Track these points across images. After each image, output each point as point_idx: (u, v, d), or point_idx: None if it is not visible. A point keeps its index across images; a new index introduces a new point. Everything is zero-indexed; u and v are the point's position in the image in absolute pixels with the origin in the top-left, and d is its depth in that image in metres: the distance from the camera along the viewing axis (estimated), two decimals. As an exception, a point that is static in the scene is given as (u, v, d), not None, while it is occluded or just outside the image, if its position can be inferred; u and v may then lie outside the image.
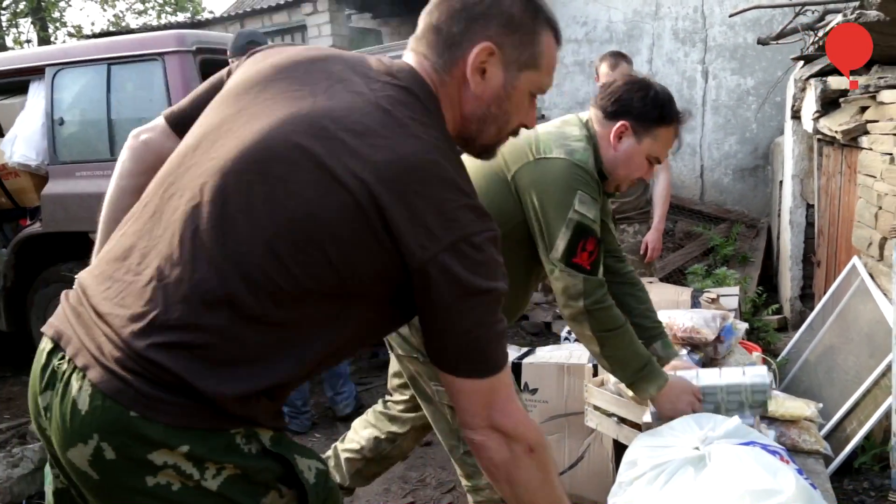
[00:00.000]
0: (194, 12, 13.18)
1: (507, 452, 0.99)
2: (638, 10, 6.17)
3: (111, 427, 0.88)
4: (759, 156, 5.88)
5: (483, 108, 1.05)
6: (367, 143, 0.92)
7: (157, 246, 0.95)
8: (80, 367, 0.91)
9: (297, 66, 1.03)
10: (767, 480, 1.30)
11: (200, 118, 1.07)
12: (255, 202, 0.92)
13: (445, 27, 1.02)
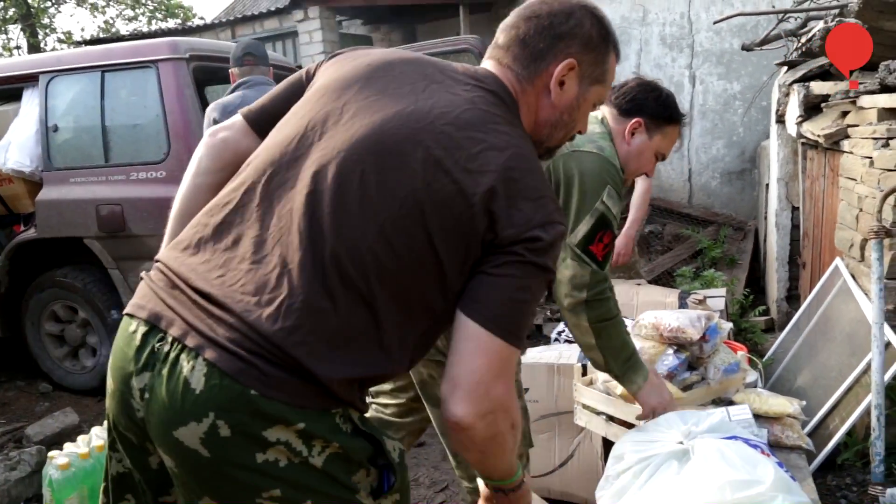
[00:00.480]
0: (185, 18, 13.17)
1: (492, 430, 1.00)
2: (626, 17, 6.25)
3: (230, 405, 0.92)
4: (746, 159, 5.96)
5: (557, 115, 1.17)
6: (468, 137, 1.02)
7: (273, 235, 1.00)
8: (192, 348, 0.94)
9: (394, 66, 1.13)
10: (747, 472, 1.35)
11: (294, 112, 1.13)
12: (369, 190, 0.99)
13: (532, 41, 1.13)
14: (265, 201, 1.04)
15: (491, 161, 1.00)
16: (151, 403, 0.97)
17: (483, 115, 1.06)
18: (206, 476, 0.96)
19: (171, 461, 0.98)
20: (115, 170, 3.49)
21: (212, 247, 1.03)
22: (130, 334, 1.01)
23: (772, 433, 2.09)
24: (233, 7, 11.17)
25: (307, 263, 0.97)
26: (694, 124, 6.05)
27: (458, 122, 1.03)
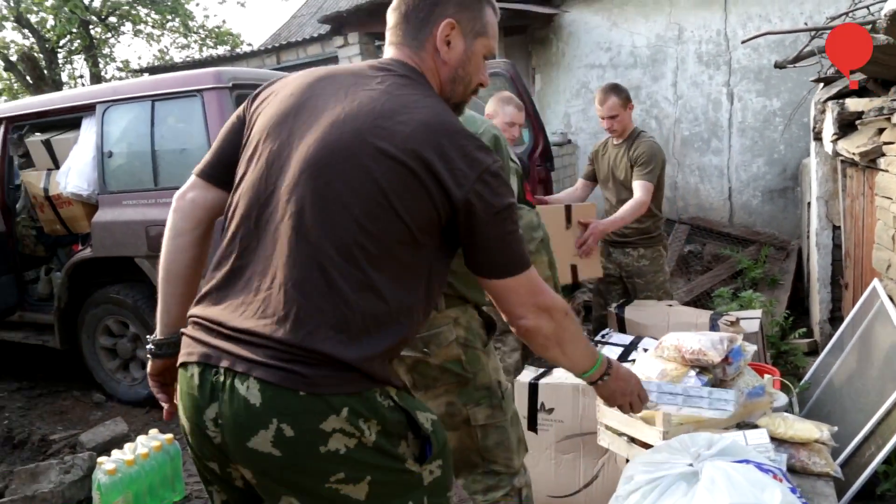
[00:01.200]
0: (233, 45, 13.68)
1: (553, 322, 1.28)
2: (661, 35, 6.25)
3: (286, 409, 1.08)
4: (788, 177, 5.86)
5: (452, 72, 1.32)
6: (397, 121, 1.17)
7: (274, 263, 1.16)
8: (243, 372, 1.10)
9: (313, 87, 1.27)
10: (753, 495, 1.37)
11: (250, 157, 1.26)
12: (338, 195, 1.15)
13: (413, 14, 1.30)
14: (258, 240, 1.19)
15: (420, 137, 1.15)
16: (224, 427, 1.13)
17: (400, 99, 1.21)
18: (283, 474, 1.11)
19: (251, 471, 1.14)
20: (164, 193, 3.66)
21: (231, 292, 1.19)
22: (189, 378, 1.17)
23: (798, 459, 2.07)
24: (279, 34, 11.56)
25: (308, 274, 1.12)
26: (733, 142, 5.99)
27: (385, 111, 1.18)
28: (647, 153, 3.36)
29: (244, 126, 1.32)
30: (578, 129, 6.96)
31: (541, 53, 7.07)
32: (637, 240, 3.51)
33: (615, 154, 3.50)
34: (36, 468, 2.84)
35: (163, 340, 1.38)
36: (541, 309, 1.26)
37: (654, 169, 3.37)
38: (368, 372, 1.12)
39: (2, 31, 12.38)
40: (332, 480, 1.10)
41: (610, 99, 3.36)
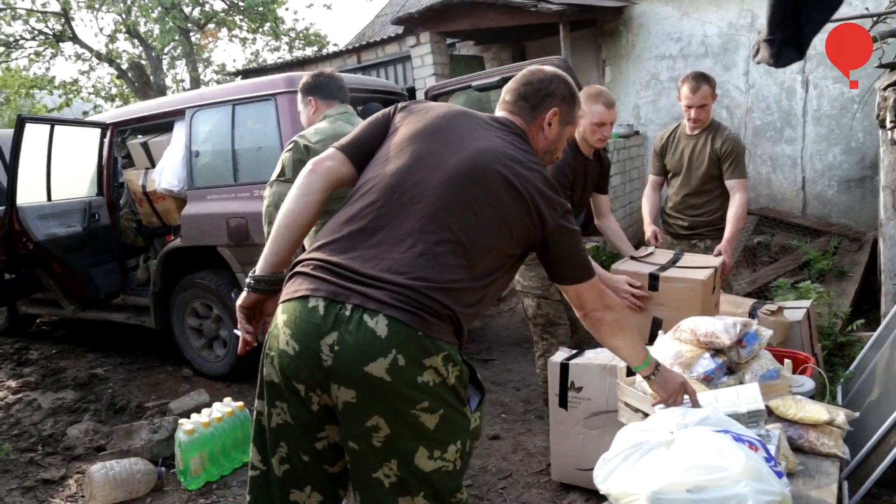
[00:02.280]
0: (321, 46, 14.34)
1: (615, 315, 1.73)
2: (733, 23, 6.12)
3: (406, 343, 1.38)
4: (867, 166, 5.62)
5: (547, 145, 1.78)
6: (522, 166, 1.59)
7: (411, 233, 1.47)
8: (373, 309, 1.38)
9: (453, 118, 1.66)
10: (717, 459, 1.50)
11: (399, 150, 1.59)
12: (474, 202, 1.53)
13: (531, 98, 1.74)
14: (396, 212, 1.50)
15: (533, 180, 1.58)
16: (341, 352, 1.38)
17: (520, 150, 1.64)
18: (384, 396, 1.38)
19: (352, 394, 1.39)
20: (242, 188, 4.06)
21: (360, 247, 1.48)
22: (311, 309, 1.42)
23: (806, 439, 2.13)
24: (363, 33, 12.04)
25: (441, 250, 1.46)
26: (807, 131, 5.80)
27: (510, 155, 1.60)
28: (737, 148, 3.35)
29: (389, 125, 1.68)
30: (648, 120, 6.93)
31: (611, 46, 7.08)
32: (705, 231, 3.50)
33: (693, 144, 3.45)
34: (130, 427, 3.29)
35: (264, 277, 1.60)
36: (605, 306, 1.70)
37: (744, 162, 3.39)
38: (462, 330, 1.47)
39: (115, 42, 13.59)
40: (417, 408, 1.39)
41: (703, 87, 3.30)
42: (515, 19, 6.42)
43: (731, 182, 3.36)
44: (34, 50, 13.41)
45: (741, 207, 3.34)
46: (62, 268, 4.27)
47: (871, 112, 5.32)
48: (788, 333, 3.13)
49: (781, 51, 1.96)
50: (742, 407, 1.93)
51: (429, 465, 1.43)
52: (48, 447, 3.45)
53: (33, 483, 3.09)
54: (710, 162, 3.39)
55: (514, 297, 5.45)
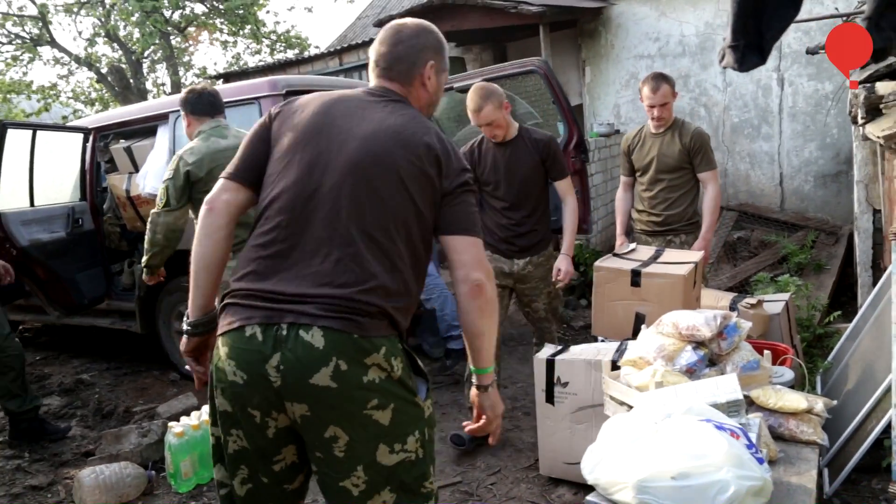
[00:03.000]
0: (302, 49, 14.30)
1: (493, 289, 1.57)
2: (710, 23, 6.23)
3: (343, 348, 1.41)
4: (842, 161, 5.74)
5: (429, 98, 1.73)
6: (409, 132, 1.57)
7: (325, 241, 1.48)
8: (307, 324, 1.41)
9: (335, 105, 1.62)
10: (698, 447, 1.55)
11: (289, 160, 1.56)
12: (378, 189, 1.52)
13: (406, 58, 1.67)
14: (304, 226, 1.50)
15: (426, 142, 1.56)
16: (287, 370, 1.41)
17: (403, 117, 1.60)
18: (334, 403, 1.42)
19: (305, 407, 1.42)
20: (227, 192, 4.07)
21: (281, 268, 1.49)
22: (249, 337, 1.44)
23: (787, 427, 2.20)
24: (344, 35, 12.04)
25: (359, 249, 1.47)
26: (784, 128, 5.92)
27: (395, 129, 1.57)
28: (704, 141, 3.48)
29: (269, 135, 1.63)
30: (628, 119, 7.01)
31: (590, 46, 7.16)
32: (679, 226, 3.58)
33: (660, 142, 3.54)
34: (119, 432, 3.28)
35: (199, 320, 1.63)
36: (485, 272, 1.55)
37: (712, 154, 3.51)
38: (397, 320, 1.49)
39: (95, 46, 13.46)
40: (368, 407, 1.43)
41: (662, 86, 3.42)
42: (496, 21, 6.48)
43: (703, 174, 3.49)
44: (11, 54, 13.24)
45: (715, 199, 3.48)
46: (46, 273, 4.25)
47: (845, 108, 5.45)
48: (768, 326, 3.20)
49: (745, 56, 2.05)
50: (721, 397, 1.98)
51: (392, 459, 1.48)
52: (35, 454, 3.44)
53: (21, 490, 3.08)
54: (680, 157, 3.49)
55: (499, 296, 5.49)
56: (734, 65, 2.07)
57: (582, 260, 5.70)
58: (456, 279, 1.56)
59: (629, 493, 1.58)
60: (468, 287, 1.53)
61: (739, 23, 1.97)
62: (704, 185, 3.50)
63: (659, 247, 3.38)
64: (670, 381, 2.13)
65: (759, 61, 2.09)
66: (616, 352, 2.69)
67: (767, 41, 2.03)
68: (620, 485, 1.63)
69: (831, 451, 2.68)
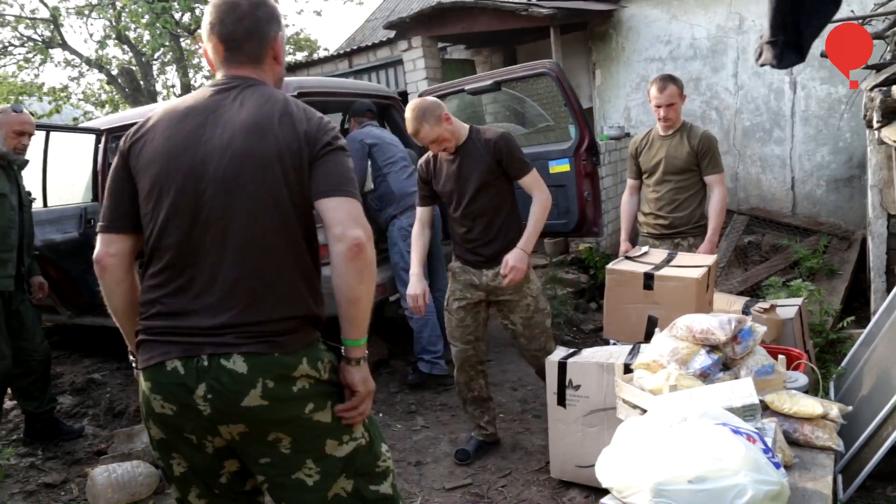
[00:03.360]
0: (311, 51, 14.35)
1: (373, 251, 1.47)
2: (721, 26, 6.20)
3: (267, 368, 1.43)
4: (855, 165, 5.71)
5: (280, 72, 1.67)
6: (264, 121, 1.49)
7: (220, 268, 1.45)
8: (224, 354, 1.42)
9: (184, 124, 1.51)
10: (716, 450, 1.54)
11: (157, 196, 1.48)
12: (244, 199, 1.46)
13: (255, 35, 1.57)
14: (195, 257, 1.47)
15: (283, 121, 1.48)
16: (215, 399, 1.42)
17: (255, 105, 1.51)
18: (271, 418, 1.45)
19: (242, 427, 1.45)
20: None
21: (185, 302, 1.46)
22: (171, 371, 1.44)
23: (801, 433, 2.18)
24: (353, 37, 12.07)
25: (255, 267, 1.46)
26: (796, 131, 5.89)
27: (251, 121, 1.49)
28: (712, 144, 3.49)
29: (130, 174, 1.53)
30: (638, 122, 6.99)
31: (601, 49, 7.15)
32: (686, 229, 3.58)
33: (668, 144, 3.55)
34: (131, 431, 3.30)
35: None
36: (363, 230, 1.45)
37: (719, 157, 3.52)
38: (313, 326, 1.51)
39: (105, 48, 13.55)
40: (306, 412, 1.47)
41: (669, 87, 3.45)
42: (507, 23, 6.48)
43: (709, 177, 3.50)
44: (23, 56, 13.34)
45: (720, 201, 3.49)
46: (59, 273, 4.27)
47: (859, 112, 5.42)
48: (781, 331, 3.19)
49: (784, 53, 2.01)
50: (737, 401, 1.97)
51: (343, 450, 1.52)
52: (48, 452, 3.46)
53: (35, 487, 3.09)
54: (688, 159, 3.50)
55: (509, 299, 5.49)
56: (772, 61, 2.04)
57: (592, 263, 5.69)
58: (332, 238, 1.44)
59: (645, 497, 1.57)
60: (346, 246, 1.42)
61: (778, 18, 1.94)
62: (711, 188, 3.51)
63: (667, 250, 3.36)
64: (684, 385, 2.12)
65: (798, 59, 2.05)
66: (629, 355, 2.68)
67: (806, 38, 1.99)
68: (636, 488, 1.62)
69: (845, 457, 2.66)
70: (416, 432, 3.52)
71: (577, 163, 4.23)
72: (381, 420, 3.71)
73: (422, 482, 3.00)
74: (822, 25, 1.96)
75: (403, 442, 3.41)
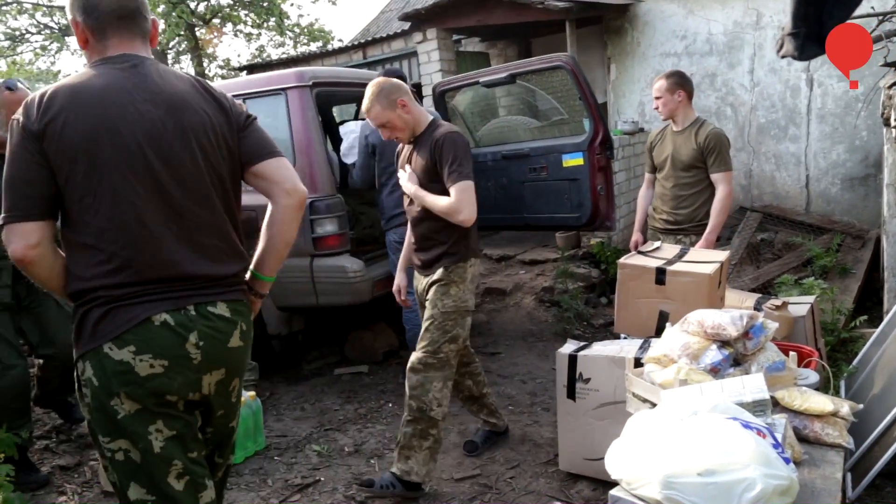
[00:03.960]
0: (325, 42, 14.36)
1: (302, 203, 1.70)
2: (738, 21, 6.15)
3: (243, 313, 1.68)
4: (871, 164, 5.66)
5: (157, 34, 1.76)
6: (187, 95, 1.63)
7: (184, 233, 1.57)
8: (209, 301, 1.60)
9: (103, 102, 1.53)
10: (726, 444, 1.55)
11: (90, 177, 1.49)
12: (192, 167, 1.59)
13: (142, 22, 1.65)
14: (148, 227, 1.54)
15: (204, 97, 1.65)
16: (206, 344, 1.57)
17: (173, 77, 1.65)
18: (240, 358, 1.68)
19: (222, 372, 1.62)
20: (252, 181, 4.10)
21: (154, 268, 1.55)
22: (161, 325, 1.53)
23: (811, 430, 2.18)
24: (367, 29, 12.07)
25: (217, 231, 1.63)
26: (812, 129, 5.84)
27: (179, 91, 1.62)
28: (719, 141, 3.48)
29: (45, 159, 1.49)
30: (653, 117, 6.95)
31: (616, 43, 7.11)
32: (689, 227, 3.59)
33: (677, 140, 3.61)
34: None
35: None
36: (301, 184, 1.70)
37: (727, 155, 3.50)
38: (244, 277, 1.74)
39: (120, 35, 13.59)
40: (248, 354, 1.72)
41: (660, 81, 3.60)
42: (523, 16, 6.46)
43: (715, 175, 3.50)
44: (40, 44, 13.45)
45: (723, 200, 3.49)
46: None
47: (876, 110, 5.37)
48: (793, 328, 3.17)
49: (805, 45, 2.00)
50: (747, 396, 1.97)
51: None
52: (62, 435, 3.50)
53: (49, 469, 3.14)
54: (694, 155, 3.52)
55: (518, 292, 5.50)
56: (794, 53, 2.03)
57: (604, 258, 5.68)
58: (282, 192, 1.67)
59: (654, 489, 1.58)
60: (297, 199, 1.68)
61: (800, 10, 1.92)
62: (716, 185, 3.51)
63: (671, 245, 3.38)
64: (695, 380, 2.13)
65: (819, 51, 2.03)
66: (639, 349, 2.68)
67: (828, 30, 1.98)
68: (645, 480, 1.63)
69: (855, 455, 2.66)
70: (425, 422, 3.54)
71: (591, 156, 4.23)
72: (391, 410, 3.73)
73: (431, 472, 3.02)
74: (844, 18, 1.95)
75: (412, 432, 3.43)
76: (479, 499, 2.79)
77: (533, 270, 5.73)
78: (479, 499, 2.79)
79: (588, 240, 6.04)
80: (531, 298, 5.36)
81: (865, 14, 3.97)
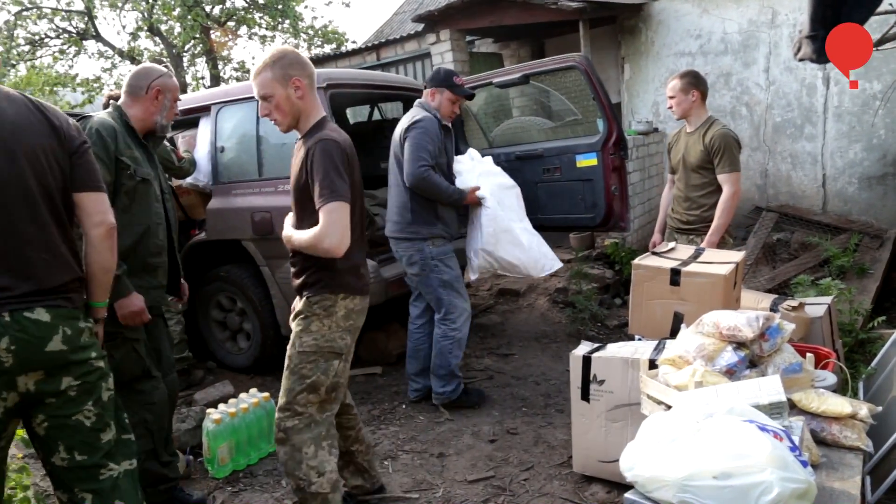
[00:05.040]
0: (339, 43, 14.41)
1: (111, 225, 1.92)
2: (753, 20, 6.10)
3: (65, 319, 1.80)
4: (889, 163, 5.58)
5: None
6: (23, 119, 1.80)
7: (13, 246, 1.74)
8: (28, 307, 1.74)
9: None
10: (742, 447, 1.53)
11: None
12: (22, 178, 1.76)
13: None
14: None
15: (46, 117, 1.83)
16: (18, 348, 1.69)
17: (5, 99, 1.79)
18: (67, 362, 1.77)
19: (40, 373, 1.74)
20: (267, 183, 4.13)
21: None
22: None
23: (829, 432, 2.16)
24: (381, 30, 12.10)
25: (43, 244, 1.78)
26: (828, 128, 5.77)
27: (11, 114, 1.76)
28: (725, 142, 3.45)
29: None
30: (667, 117, 6.91)
31: (630, 43, 7.07)
32: (701, 227, 3.57)
33: (688, 141, 3.63)
34: (159, 415, 3.35)
35: None
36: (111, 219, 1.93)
37: (734, 156, 3.46)
38: (82, 287, 1.90)
39: (137, 39, 13.75)
40: (91, 358, 1.83)
41: (672, 81, 3.62)
42: (536, 16, 6.45)
43: (721, 176, 3.49)
44: (59, 48, 13.61)
45: (727, 201, 3.46)
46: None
47: (894, 108, 5.30)
48: (809, 329, 3.14)
49: (823, 48, 1.97)
50: (764, 398, 1.95)
51: (109, 395, 1.88)
52: None
53: None
54: (701, 156, 3.52)
55: (532, 293, 5.49)
56: (812, 55, 2.00)
57: (618, 258, 5.65)
58: (92, 224, 1.88)
59: (670, 492, 1.58)
60: (105, 229, 1.90)
61: (818, 12, 1.90)
62: (722, 186, 3.49)
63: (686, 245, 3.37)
64: (710, 381, 2.11)
65: None
66: (654, 350, 2.66)
67: None
68: (661, 483, 1.62)
69: (874, 458, 2.62)
70: (439, 424, 3.54)
71: (605, 157, 4.20)
72: (404, 411, 3.74)
73: (444, 474, 3.02)
74: (864, 19, 1.91)
75: (426, 433, 3.44)
76: (492, 501, 2.79)
77: (546, 271, 5.70)
78: (493, 501, 2.79)
79: (602, 240, 6.01)
80: (545, 299, 5.34)
81: (885, 11, 3.92)
